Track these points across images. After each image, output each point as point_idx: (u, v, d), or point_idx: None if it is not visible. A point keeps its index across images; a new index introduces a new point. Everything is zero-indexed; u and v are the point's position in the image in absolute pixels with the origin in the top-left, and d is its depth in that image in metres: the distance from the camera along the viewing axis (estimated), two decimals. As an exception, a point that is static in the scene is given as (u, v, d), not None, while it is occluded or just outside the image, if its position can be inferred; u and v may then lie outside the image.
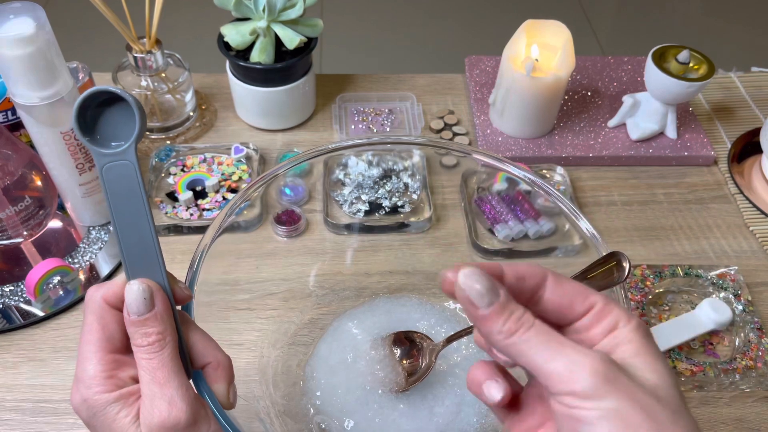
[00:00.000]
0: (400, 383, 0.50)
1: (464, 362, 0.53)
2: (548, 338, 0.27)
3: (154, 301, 0.32)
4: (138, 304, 0.31)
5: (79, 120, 0.31)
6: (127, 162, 0.31)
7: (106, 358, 0.32)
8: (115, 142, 0.31)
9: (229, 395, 0.34)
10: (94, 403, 0.31)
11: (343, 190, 0.68)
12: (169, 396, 0.30)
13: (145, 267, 0.32)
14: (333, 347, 0.54)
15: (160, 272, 0.32)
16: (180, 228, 0.65)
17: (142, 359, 0.31)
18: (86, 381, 0.31)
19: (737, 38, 1.97)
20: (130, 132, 0.31)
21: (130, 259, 0.32)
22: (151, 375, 0.31)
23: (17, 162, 0.58)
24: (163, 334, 0.31)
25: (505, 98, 0.73)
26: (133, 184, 0.31)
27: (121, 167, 0.31)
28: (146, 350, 0.31)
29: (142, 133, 0.31)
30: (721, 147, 0.77)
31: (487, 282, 0.27)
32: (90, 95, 0.30)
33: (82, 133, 0.31)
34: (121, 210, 0.32)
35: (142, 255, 0.32)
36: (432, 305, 0.57)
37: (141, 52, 0.69)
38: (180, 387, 0.31)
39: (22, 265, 0.62)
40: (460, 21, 2.03)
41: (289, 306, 0.57)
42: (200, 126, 0.77)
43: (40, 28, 0.49)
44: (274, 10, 0.69)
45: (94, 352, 0.32)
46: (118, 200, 0.31)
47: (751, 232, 0.69)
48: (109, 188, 0.31)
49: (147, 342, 0.31)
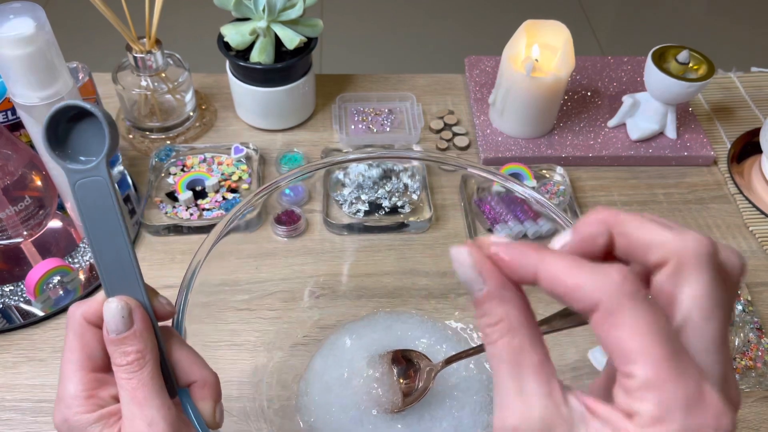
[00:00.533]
0: (396, 404, 0.50)
1: (463, 384, 0.52)
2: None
3: (132, 318, 0.31)
4: (116, 322, 0.31)
5: (49, 135, 0.30)
6: (99, 178, 0.30)
7: (87, 378, 0.31)
8: (86, 158, 0.30)
9: (215, 414, 0.33)
10: (74, 423, 0.30)
11: (343, 191, 0.68)
12: (150, 417, 0.30)
13: (123, 284, 0.31)
14: (329, 362, 0.53)
15: (138, 289, 0.32)
16: (180, 228, 0.65)
17: (121, 379, 0.30)
18: (67, 400, 0.31)
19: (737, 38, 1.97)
20: (101, 147, 0.30)
21: (107, 277, 0.31)
22: (130, 395, 0.30)
23: (17, 162, 0.58)
24: (143, 352, 0.31)
25: (505, 98, 0.73)
26: (106, 200, 0.30)
27: (93, 183, 0.30)
28: (125, 369, 0.30)
29: (113, 149, 0.30)
30: (721, 147, 0.77)
31: (470, 271, 0.24)
32: (59, 110, 0.29)
33: (53, 149, 0.30)
34: (95, 227, 0.31)
35: (119, 272, 0.31)
36: (434, 323, 0.57)
37: (141, 52, 0.69)
38: (161, 407, 0.30)
39: (22, 265, 0.62)
40: (460, 21, 2.03)
41: (289, 306, 0.57)
42: (200, 126, 0.77)
43: (40, 28, 0.49)
44: (274, 10, 0.69)
45: (75, 371, 0.31)
46: (92, 217, 0.31)
47: (750, 232, 0.69)
48: (83, 205, 0.31)
49: (126, 361, 0.30)
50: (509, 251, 0.24)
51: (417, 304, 0.58)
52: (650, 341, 0.21)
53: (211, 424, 0.33)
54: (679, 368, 0.21)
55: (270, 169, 0.72)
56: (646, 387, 0.21)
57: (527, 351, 0.23)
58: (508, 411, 0.23)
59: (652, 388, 0.21)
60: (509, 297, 0.24)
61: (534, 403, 0.22)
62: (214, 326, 0.50)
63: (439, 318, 0.57)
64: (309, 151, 0.74)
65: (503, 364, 0.23)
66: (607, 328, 0.22)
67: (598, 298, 0.22)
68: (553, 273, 0.23)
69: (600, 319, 0.22)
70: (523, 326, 0.24)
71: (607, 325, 0.22)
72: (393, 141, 0.76)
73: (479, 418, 0.51)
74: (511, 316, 0.24)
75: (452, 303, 0.58)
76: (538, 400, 0.22)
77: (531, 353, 0.23)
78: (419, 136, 0.76)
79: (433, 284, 0.59)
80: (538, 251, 0.23)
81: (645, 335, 0.21)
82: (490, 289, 0.24)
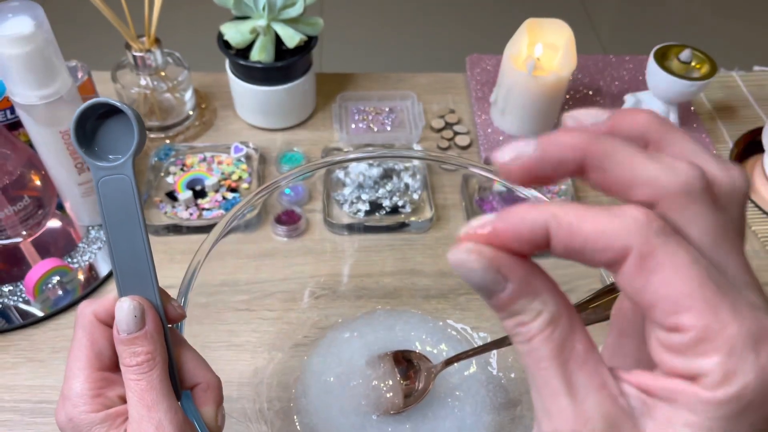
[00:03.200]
0: (396, 405, 0.49)
1: (464, 384, 0.52)
2: None
3: (144, 319, 0.31)
4: (128, 321, 0.30)
5: (78, 131, 0.30)
6: (123, 176, 0.30)
7: (94, 376, 0.31)
8: (113, 155, 0.31)
9: (217, 419, 0.33)
10: (79, 422, 0.30)
11: (344, 190, 0.67)
12: (157, 420, 0.29)
13: (137, 284, 0.31)
14: (328, 362, 0.53)
15: (152, 290, 0.32)
16: (179, 228, 0.65)
17: (130, 380, 0.30)
18: (73, 399, 0.30)
19: (739, 37, 1.96)
20: (128, 145, 0.30)
21: (122, 275, 0.31)
22: (138, 396, 0.30)
23: (16, 161, 0.58)
24: (153, 354, 0.30)
25: (507, 97, 0.73)
26: (129, 199, 0.30)
27: (117, 181, 0.30)
28: (134, 370, 0.30)
29: (141, 148, 0.30)
30: (723, 146, 0.77)
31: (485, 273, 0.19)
32: (89, 107, 0.30)
33: (80, 144, 0.30)
34: (115, 224, 0.31)
35: (135, 271, 0.31)
36: (435, 322, 0.57)
37: (140, 51, 0.68)
38: (168, 411, 0.30)
39: (21, 265, 0.62)
40: (461, 19, 2.02)
41: (289, 307, 0.57)
42: (200, 125, 0.76)
43: (39, 26, 0.49)
44: (274, 8, 0.68)
45: (82, 368, 0.31)
46: (113, 214, 0.31)
47: (753, 232, 0.69)
48: (105, 202, 0.31)
49: (135, 362, 0.30)
50: (508, 218, 0.19)
51: (417, 305, 0.58)
52: (698, 282, 0.17)
53: (213, 428, 0.33)
54: (735, 307, 0.17)
55: (270, 168, 0.72)
56: (706, 338, 0.17)
57: (569, 341, 0.19)
58: (560, 417, 0.19)
59: (713, 338, 0.17)
60: (540, 285, 0.20)
61: (590, 401, 0.19)
62: (213, 327, 0.49)
63: (440, 318, 0.57)
64: (309, 151, 0.74)
65: (544, 362, 0.19)
66: (645, 276, 0.18)
67: (626, 242, 0.18)
68: (568, 222, 0.18)
69: (633, 267, 0.18)
70: (562, 314, 0.19)
71: (645, 272, 0.18)
72: (394, 140, 0.75)
73: (481, 418, 0.50)
74: (549, 305, 0.19)
75: (453, 303, 0.58)
76: (594, 397, 0.19)
77: (574, 342, 0.19)
78: (420, 135, 0.76)
79: (434, 284, 0.59)
80: (539, 205, 0.19)
81: (690, 277, 0.17)
82: (516, 285, 0.19)
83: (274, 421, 0.50)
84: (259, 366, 0.53)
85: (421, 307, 0.58)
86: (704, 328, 0.17)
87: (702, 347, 0.17)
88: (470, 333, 0.56)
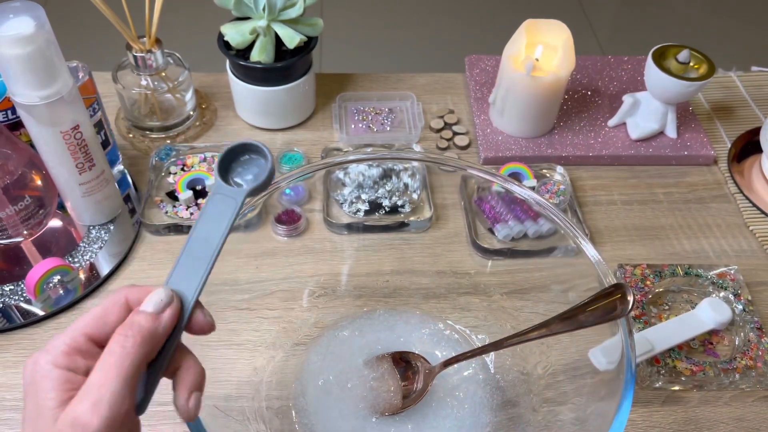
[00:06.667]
0: (395, 405, 0.50)
1: (463, 385, 0.52)
2: None
3: (165, 307, 0.32)
4: (156, 302, 0.32)
5: (224, 159, 0.36)
6: (234, 201, 0.35)
7: (80, 340, 0.31)
8: (241, 179, 0.36)
9: (188, 401, 0.33)
10: (38, 369, 0.30)
11: (343, 190, 0.68)
12: (98, 398, 0.28)
13: (186, 281, 0.33)
14: (327, 362, 0.53)
15: (193, 293, 0.33)
16: (180, 227, 0.65)
17: (106, 352, 0.30)
18: (48, 347, 0.30)
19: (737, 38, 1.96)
20: (251, 179, 0.36)
21: (178, 270, 0.34)
22: (101, 369, 0.29)
23: (17, 161, 0.58)
24: (146, 338, 0.30)
25: (505, 98, 0.73)
26: (224, 220, 0.34)
27: (227, 201, 0.35)
28: (119, 340, 0.30)
29: (261, 188, 0.36)
30: (721, 146, 0.77)
31: None
32: (242, 144, 0.36)
33: (220, 169, 0.36)
34: (201, 229, 0.34)
35: (190, 272, 0.34)
36: (434, 323, 0.57)
37: (141, 51, 0.69)
38: (114, 395, 0.28)
39: (22, 264, 0.62)
40: (460, 20, 2.02)
41: (289, 306, 0.57)
42: (200, 125, 0.77)
43: (40, 27, 0.49)
44: (274, 9, 0.69)
45: (75, 329, 0.31)
46: (206, 222, 0.34)
47: (750, 231, 0.69)
48: (207, 209, 0.35)
49: (123, 334, 0.30)
50: None
51: (417, 304, 0.58)
52: None
53: (182, 410, 0.33)
54: None
55: (270, 168, 0.72)
56: None
57: None
58: None
59: None
60: None
61: None
62: (214, 326, 0.49)
63: (439, 318, 0.57)
64: (309, 151, 0.74)
65: None
66: None
67: None
68: None
69: None
70: None
71: None
72: (393, 140, 0.76)
73: (479, 418, 0.51)
74: None
75: (452, 303, 0.58)
76: None
77: None
78: (419, 136, 0.76)
79: (433, 284, 0.59)
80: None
81: None
82: None
83: (273, 420, 0.50)
84: (258, 365, 0.53)
85: (421, 307, 0.58)
86: None
87: None
88: (469, 334, 0.56)
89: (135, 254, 0.64)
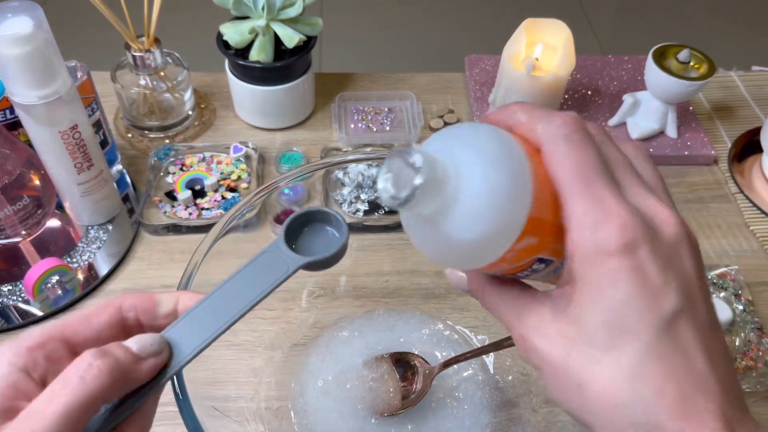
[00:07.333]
0: (394, 406, 0.50)
1: (463, 386, 0.52)
2: None
3: (150, 355, 0.27)
4: (144, 342, 0.27)
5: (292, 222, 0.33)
6: (286, 267, 0.31)
7: (53, 344, 0.27)
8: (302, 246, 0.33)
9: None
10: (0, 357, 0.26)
11: (343, 190, 0.68)
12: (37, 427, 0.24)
13: (189, 336, 0.29)
14: (327, 361, 0.53)
15: (192, 351, 0.29)
16: (179, 227, 0.65)
17: (60, 378, 0.25)
18: (19, 337, 0.27)
19: (738, 37, 1.96)
20: (314, 250, 0.32)
21: (188, 319, 0.30)
22: (47, 397, 0.25)
23: (15, 161, 0.58)
24: (107, 373, 0.25)
25: (505, 97, 0.73)
26: (265, 283, 0.31)
27: (277, 263, 0.31)
28: (77, 368, 0.25)
29: (319, 266, 0.32)
30: (722, 146, 0.77)
31: None
32: (321, 212, 0.33)
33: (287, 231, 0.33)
34: (235, 285, 0.31)
35: (198, 327, 0.29)
36: (434, 323, 0.57)
37: (140, 51, 0.69)
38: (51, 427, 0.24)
39: (21, 264, 0.62)
40: (460, 19, 2.02)
41: (288, 306, 0.57)
42: (199, 125, 0.76)
43: (39, 27, 0.49)
44: (273, 8, 0.68)
45: (53, 325, 0.27)
46: (244, 278, 0.31)
47: (751, 231, 0.69)
48: (252, 265, 0.31)
49: (88, 361, 0.25)
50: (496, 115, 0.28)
51: (416, 305, 0.58)
52: (570, 176, 0.25)
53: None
54: (590, 196, 0.24)
55: (269, 168, 0.72)
56: (569, 217, 0.25)
57: None
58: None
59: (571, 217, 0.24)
60: None
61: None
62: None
63: (439, 318, 0.57)
64: (308, 150, 0.74)
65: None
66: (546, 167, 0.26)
67: (540, 141, 0.26)
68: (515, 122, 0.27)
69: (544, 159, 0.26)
70: None
71: (546, 164, 0.26)
72: (393, 140, 0.76)
73: (479, 419, 0.50)
74: None
75: (452, 303, 0.58)
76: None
77: None
78: (419, 135, 0.76)
79: (433, 284, 0.59)
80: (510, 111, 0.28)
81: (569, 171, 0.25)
82: None
83: (271, 421, 0.50)
84: (257, 365, 0.53)
85: (420, 307, 0.58)
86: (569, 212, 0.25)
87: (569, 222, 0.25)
88: (469, 335, 0.56)
89: (133, 254, 0.64)
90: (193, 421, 0.36)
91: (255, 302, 0.30)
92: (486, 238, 0.25)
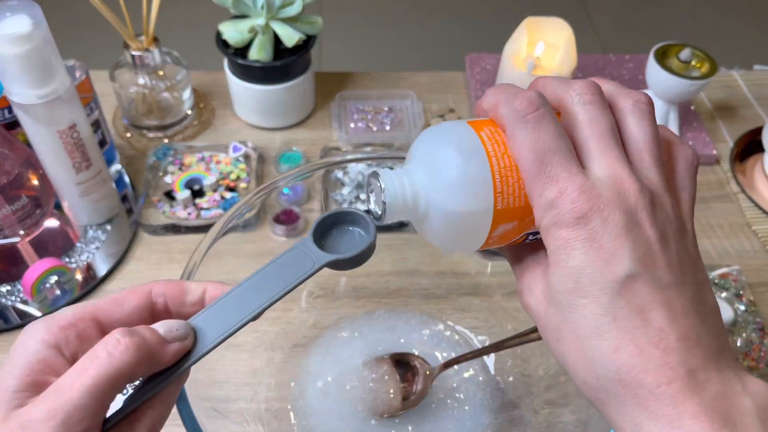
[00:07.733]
0: (394, 407, 0.49)
1: (463, 386, 0.52)
2: None
3: (175, 339, 0.28)
4: (170, 327, 0.28)
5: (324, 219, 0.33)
6: (312, 263, 0.32)
7: (85, 318, 0.28)
8: (335, 247, 0.33)
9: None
10: (30, 335, 0.27)
11: (342, 190, 0.67)
12: (57, 406, 0.24)
13: (214, 324, 0.30)
14: (327, 362, 0.53)
15: (215, 339, 0.30)
16: (178, 227, 0.65)
17: (89, 354, 0.26)
18: (54, 315, 0.27)
19: (740, 36, 1.96)
20: (344, 250, 0.33)
21: (214, 309, 0.30)
22: (76, 372, 0.25)
23: (14, 161, 0.57)
24: (137, 351, 0.26)
25: (506, 96, 0.72)
26: (291, 278, 0.32)
27: (303, 261, 0.32)
28: (107, 343, 0.26)
29: (345, 265, 0.33)
30: (723, 146, 0.77)
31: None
32: (350, 213, 0.33)
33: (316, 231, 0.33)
34: (262, 279, 0.31)
35: (223, 317, 0.30)
36: (434, 324, 0.56)
37: (138, 50, 0.68)
38: (77, 408, 0.24)
39: (19, 264, 0.61)
40: (460, 18, 2.02)
41: (288, 307, 0.56)
42: (198, 124, 0.76)
43: (37, 26, 0.48)
44: (272, 7, 0.68)
45: (85, 305, 0.28)
46: (270, 272, 0.32)
47: (753, 231, 0.68)
48: (279, 260, 0.32)
49: (116, 338, 0.26)
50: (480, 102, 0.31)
51: (417, 305, 0.58)
52: (526, 160, 0.27)
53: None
54: (544, 178, 0.26)
55: (269, 167, 0.72)
56: (530, 198, 0.27)
57: None
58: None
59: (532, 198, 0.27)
60: None
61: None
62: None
63: (440, 319, 0.57)
64: (308, 150, 0.74)
65: None
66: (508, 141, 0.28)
67: (504, 125, 0.28)
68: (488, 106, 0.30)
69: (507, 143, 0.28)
70: None
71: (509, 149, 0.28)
72: (393, 139, 0.75)
73: (479, 420, 0.50)
74: None
75: (452, 304, 0.58)
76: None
77: None
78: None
79: (434, 285, 0.58)
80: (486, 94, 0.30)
81: (524, 155, 0.27)
82: None
83: (271, 422, 0.50)
84: (257, 366, 0.52)
85: (421, 307, 0.58)
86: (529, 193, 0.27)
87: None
88: (469, 335, 0.56)
89: (132, 254, 0.64)
90: (193, 422, 0.36)
91: (279, 296, 0.31)
92: (458, 239, 0.30)
